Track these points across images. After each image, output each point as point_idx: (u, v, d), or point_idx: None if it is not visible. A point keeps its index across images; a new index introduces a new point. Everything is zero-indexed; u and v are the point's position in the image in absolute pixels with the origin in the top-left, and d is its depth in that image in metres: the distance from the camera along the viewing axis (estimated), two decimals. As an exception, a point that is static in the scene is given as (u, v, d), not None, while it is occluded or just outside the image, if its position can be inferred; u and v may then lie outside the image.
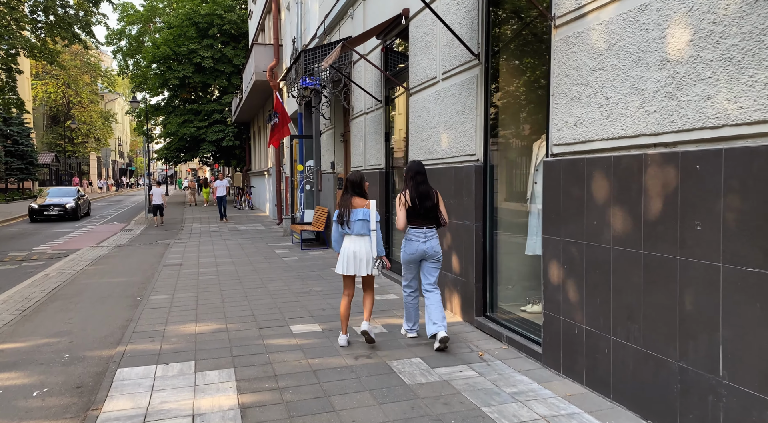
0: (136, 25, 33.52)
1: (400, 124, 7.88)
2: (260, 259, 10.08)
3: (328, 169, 11.45)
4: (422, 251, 4.71)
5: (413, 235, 4.74)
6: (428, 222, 4.74)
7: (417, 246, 4.72)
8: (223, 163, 32.93)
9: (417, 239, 4.72)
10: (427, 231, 4.72)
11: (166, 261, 10.04)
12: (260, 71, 17.28)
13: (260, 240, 13.32)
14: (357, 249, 4.70)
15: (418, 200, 4.69)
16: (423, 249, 4.71)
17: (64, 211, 20.66)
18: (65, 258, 11.07)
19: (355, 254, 4.69)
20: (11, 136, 31.40)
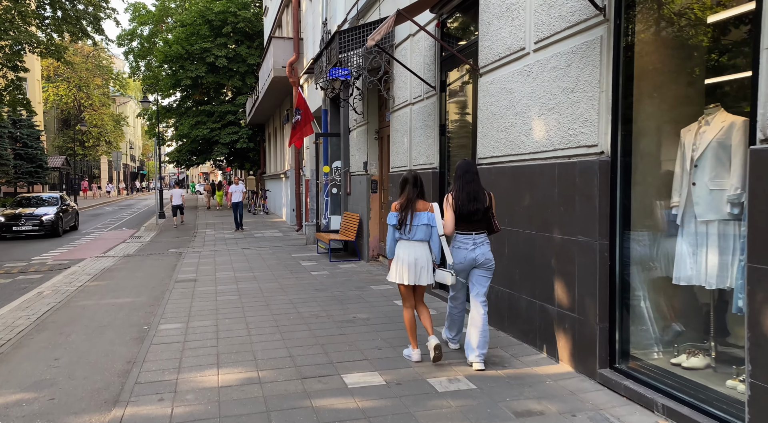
0: (147, 26, 32.43)
1: (460, 114, 6.48)
2: (285, 273, 8.71)
3: (359, 171, 10.07)
4: (471, 259, 4.23)
5: (460, 242, 4.27)
6: (478, 227, 4.25)
7: (465, 254, 4.23)
8: (236, 166, 31.69)
9: (465, 246, 4.24)
10: (476, 237, 4.24)
11: (178, 275, 8.69)
12: (279, 67, 15.97)
13: (281, 249, 11.95)
14: (418, 256, 4.26)
15: (467, 202, 4.19)
16: (472, 257, 4.22)
17: (39, 226, 15.78)
18: (65, 270, 9.77)
19: (417, 261, 4.25)
20: (21, 139, 30.35)
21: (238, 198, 16.90)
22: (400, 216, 4.24)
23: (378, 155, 9.57)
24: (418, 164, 7.16)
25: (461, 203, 4.17)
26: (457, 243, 4.27)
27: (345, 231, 10.41)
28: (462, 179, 4.24)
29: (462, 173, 4.27)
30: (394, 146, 8.11)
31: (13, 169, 29.40)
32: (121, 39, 32.25)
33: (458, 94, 6.49)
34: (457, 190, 4.23)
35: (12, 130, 29.72)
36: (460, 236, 4.25)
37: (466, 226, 4.23)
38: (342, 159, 11.08)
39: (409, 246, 4.25)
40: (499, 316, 5.11)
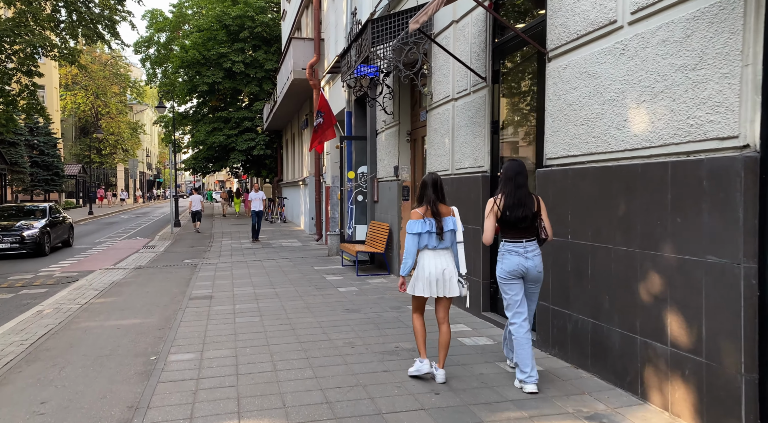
0: (164, 33, 32.07)
1: (518, 108, 5.59)
2: (310, 290, 7.83)
3: (389, 176, 9.21)
4: (524, 268, 3.83)
5: (510, 249, 3.88)
6: (527, 234, 3.88)
7: (518, 260, 3.84)
8: (252, 174, 31.06)
9: (516, 253, 3.85)
10: (527, 245, 3.86)
11: (192, 291, 7.87)
12: (299, 69, 15.22)
13: (302, 261, 11.10)
14: (446, 264, 3.94)
15: (515, 208, 3.82)
16: (526, 266, 3.83)
17: (19, 243, 12.94)
18: (72, 284, 9.01)
19: (444, 272, 3.92)
20: (37, 147, 30.07)
21: (258, 206, 15.74)
22: (438, 223, 3.90)
23: (410, 159, 8.70)
24: (463, 168, 6.27)
25: (509, 209, 3.81)
26: (507, 249, 3.89)
27: (372, 242, 9.53)
28: (513, 182, 3.85)
29: (513, 175, 3.86)
30: (431, 148, 7.23)
31: (29, 177, 29.08)
32: (138, 46, 31.91)
33: (516, 84, 5.60)
34: (505, 195, 3.85)
35: (29, 138, 29.45)
36: (509, 244, 3.89)
37: (514, 233, 3.87)
38: (368, 164, 10.23)
39: (435, 255, 3.94)
40: (580, 351, 4.18)
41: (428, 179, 4.04)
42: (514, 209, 3.80)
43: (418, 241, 3.93)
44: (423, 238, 3.92)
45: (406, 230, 3.98)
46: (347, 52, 8.46)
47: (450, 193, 6.46)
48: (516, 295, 3.86)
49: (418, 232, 3.90)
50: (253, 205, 15.80)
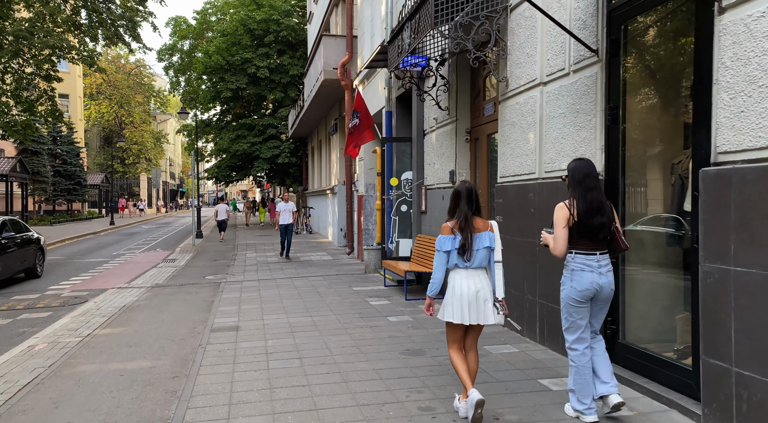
0: (188, 40, 31.39)
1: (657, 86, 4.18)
2: (354, 318, 6.46)
3: (441, 183, 7.84)
4: (598, 286, 3.32)
5: (583, 263, 3.35)
6: (600, 246, 3.38)
7: (592, 278, 3.33)
8: (277, 182, 30.00)
9: (591, 268, 3.33)
10: (600, 258, 3.36)
11: (214, 319, 6.56)
12: (329, 68, 14.00)
13: (336, 279, 9.76)
14: (480, 287, 3.45)
15: (590, 215, 3.32)
16: (599, 283, 3.32)
17: None
18: (79, 307, 7.80)
19: (478, 294, 3.45)
20: (60, 156, 29.47)
21: (288, 219, 13.25)
22: (463, 239, 3.46)
23: (470, 161, 7.31)
24: (557, 170, 4.87)
25: (583, 216, 3.35)
26: (576, 264, 3.40)
27: (420, 259, 8.14)
28: (582, 185, 3.39)
29: (581, 178, 3.41)
30: (505, 146, 5.84)
31: (51, 187, 28.44)
32: (162, 53, 31.28)
33: (652, 54, 4.19)
34: (577, 200, 3.39)
35: (51, 147, 28.85)
36: (580, 257, 3.40)
37: (589, 245, 3.40)
38: (414, 169, 8.87)
39: (468, 275, 3.51)
40: None
41: (461, 189, 3.58)
42: (591, 216, 3.34)
43: (447, 259, 3.50)
44: (453, 256, 3.50)
45: (435, 247, 3.57)
46: (396, 35, 7.14)
47: (537, 204, 5.05)
48: (582, 319, 3.42)
49: (448, 250, 3.47)
50: (281, 218, 13.24)
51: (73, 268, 12.93)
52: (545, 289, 5.04)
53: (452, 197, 3.60)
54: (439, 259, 3.49)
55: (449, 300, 3.51)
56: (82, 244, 18.94)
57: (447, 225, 3.54)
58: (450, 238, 3.48)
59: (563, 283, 3.47)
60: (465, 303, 3.44)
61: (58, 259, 14.68)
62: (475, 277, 3.48)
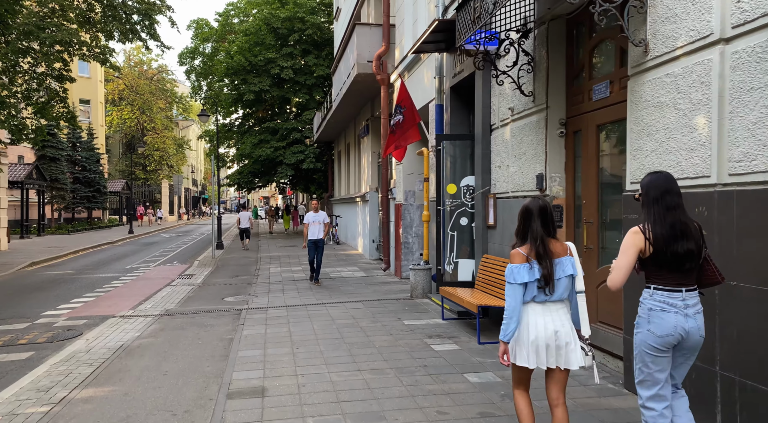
0: (210, 43, 30.16)
1: None
2: (420, 377, 4.69)
3: (520, 190, 6.06)
4: (683, 331, 2.65)
5: (664, 302, 2.69)
6: (687, 281, 2.70)
7: (675, 321, 2.65)
8: (300, 189, 28.48)
9: (674, 308, 2.66)
10: (687, 297, 2.67)
11: (232, 375, 4.86)
12: (363, 61, 12.35)
13: (379, 306, 8.01)
14: (559, 325, 2.86)
15: (674, 240, 2.66)
16: (685, 328, 2.66)
17: None
18: (67, 346, 6.20)
19: (557, 335, 2.84)
20: (79, 162, 28.39)
21: (318, 233, 10.40)
22: (544, 269, 2.80)
23: (565, 162, 5.51)
24: (757, 172, 3.06)
25: (663, 242, 2.65)
26: (655, 303, 2.69)
27: (488, 286, 6.34)
28: (659, 204, 2.70)
29: (659, 195, 2.72)
30: (644, 139, 4.03)
31: (70, 194, 27.34)
32: (183, 57, 30.11)
33: None
34: (653, 222, 2.69)
35: (71, 153, 27.79)
36: (661, 294, 2.69)
37: (672, 279, 2.68)
38: (478, 173, 7.09)
39: (545, 311, 2.86)
40: None
41: (533, 207, 2.93)
42: (674, 242, 2.65)
43: (523, 294, 2.84)
44: (530, 288, 2.85)
45: (506, 279, 2.87)
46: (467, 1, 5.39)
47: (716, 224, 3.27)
48: (661, 371, 2.72)
49: (524, 282, 2.81)
50: (311, 232, 10.42)
51: (79, 285, 11.43)
52: (730, 353, 3.22)
53: (521, 217, 3.01)
54: (514, 294, 2.86)
55: (521, 340, 2.91)
56: (96, 255, 17.58)
57: (519, 252, 2.92)
58: (525, 267, 2.87)
59: (638, 326, 2.81)
60: (541, 344, 2.85)
61: (66, 274, 13.24)
62: (554, 313, 2.90)
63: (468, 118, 8.24)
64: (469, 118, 8.24)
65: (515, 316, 2.85)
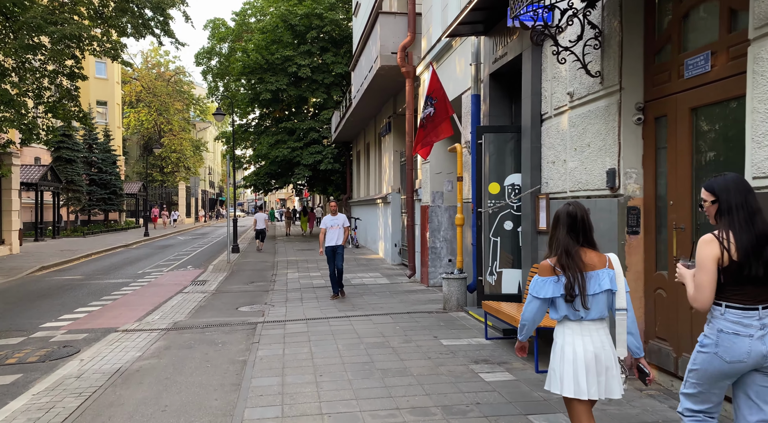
0: (226, 43, 29.58)
1: None
2: (476, 419, 3.76)
3: (582, 188, 5.10)
4: (759, 356, 2.31)
5: (738, 322, 2.35)
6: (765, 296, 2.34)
7: (749, 346, 2.31)
8: (318, 191, 27.71)
9: (746, 331, 2.33)
10: (764, 313, 2.33)
11: (244, 412, 3.99)
12: (387, 53, 11.46)
13: (410, 320, 7.10)
14: (597, 348, 2.53)
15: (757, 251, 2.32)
16: (762, 352, 2.30)
17: None
18: (59, 367, 5.40)
19: (598, 358, 2.53)
20: (95, 164, 27.96)
21: (336, 238, 9.00)
22: (567, 281, 2.51)
23: (643, 155, 4.54)
24: None
25: (746, 252, 2.31)
26: (730, 325, 2.35)
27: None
28: (744, 210, 2.37)
29: (743, 198, 2.39)
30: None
31: (86, 196, 26.90)
32: (199, 57, 29.58)
33: None
34: (736, 231, 2.36)
35: (87, 155, 27.37)
36: (734, 313, 2.35)
37: (749, 294, 2.34)
38: (526, 170, 6.14)
39: (582, 331, 2.55)
40: None
41: (560, 212, 2.68)
42: (758, 252, 2.29)
43: (543, 310, 2.60)
44: (560, 305, 2.54)
45: (529, 291, 2.63)
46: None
47: None
48: (719, 395, 2.44)
49: (549, 298, 2.55)
50: (328, 237, 9.01)
51: (87, 292, 10.71)
52: None
53: (553, 224, 2.69)
54: (531, 308, 2.59)
55: (558, 366, 2.56)
56: (109, 258, 16.95)
57: (547, 263, 2.62)
58: (551, 280, 2.56)
59: (704, 345, 2.42)
60: (581, 369, 2.50)
61: (75, 279, 12.56)
62: (593, 333, 2.55)
63: (509, 108, 7.29)
64: (511, 109, 7.30)
65: (532, 326, 2.68)
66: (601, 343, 2.55)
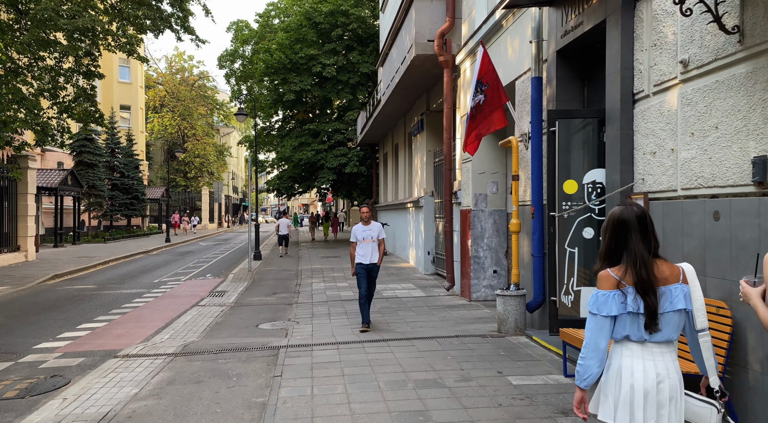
0: (249, 46, 28.87)
1: None
2: None
3: (700, 186, 3.84)
4: None
5: None
6: None
7: None
8: (342, 195, 26.66)
9: None
10: None
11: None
12: (423, 41, 10.31)
13: (462, 348, 5.88)
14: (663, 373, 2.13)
15: None
16: None
17: None
18: (39, 406, 4.35)
19: (660, 387, 2.13)
20: (117, 168, 27.44)
21: (372, 255, 6.98)
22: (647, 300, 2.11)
23: (813, 139, 3.25)
24: None
25: None
26: None
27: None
28: None
29: None
30: None
31: (108, 201, 26.35)
32: (222, 60, 28.93)
33: None
34: None
35: (109, 159, 26.85)
36: None
37: None
38: (614, 164, 4.88)
39: (645, 353, 2.14)
40: None
41: (628, 216, 2.21)
42: None
43: (612, 329, 2.14)
44: (624, 323, 2.14)
45: (589, 308, 2.17)
46: None
47: None
48: None
49: (613, 315, 2.12)
50: (360, 251, 6.94)
51: (96, 304, 9.77)
52: None
53: (611, 230, 2.24)
54: (598, 329, 2.13)
55: (613, 391, 2.16)
56: (126, 266, 16.12)
57: (610, 274, 2.17)
58: (615, 295, 2.14)
59: None
60: (638, 398, 2.11)
61: (86, 289, 11.66)
62: (657, 357, 2.14)
63: (581, 92, 6.05)
64: (583, 93, 6.05)
65: (597, 356, 2.13)
66: (666, 369, 2.16)
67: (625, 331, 2.18)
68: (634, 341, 2.19)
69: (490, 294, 9.07)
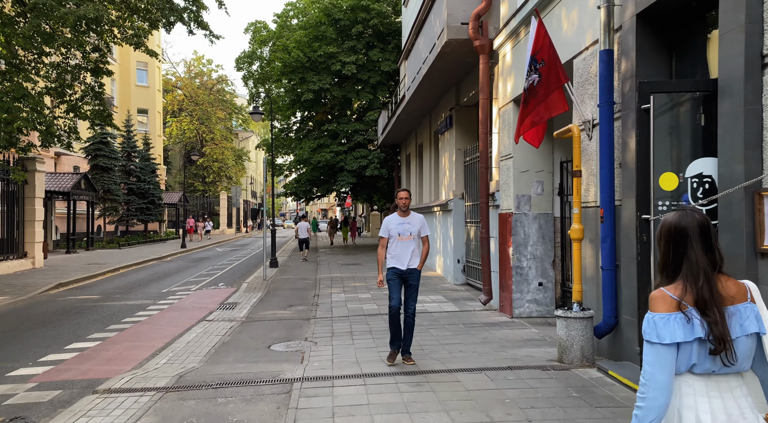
0: (267, 47, 28.08)
1: None
2: None
3: None
4: None
5: None
6: None
7: None
8: (362, 199, 25.61)
9: None
10: None
11: None
12: (456, 24, 9.16)
13: (518, 383, 4.67)
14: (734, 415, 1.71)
15: None
16: None
17: None
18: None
19: None
20: (134, 173, 26.82)
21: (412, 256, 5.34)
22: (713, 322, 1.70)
23: None
24: None
25: None
26: None
27: None
28: None
29: None
30: None
31: (124, 206, 25.70)
32: (240, 62, 28.15)
33: None
34: None
35: (125, 163, 26.24)
36: None
37: None
38: (731, 153, 3.65)
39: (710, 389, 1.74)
40: None
41: (687, 223, 1.80)
42: None
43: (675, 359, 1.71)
44: (689, 353, 1.72)
45: (645, 336, 1.75)
46: None
47: None
48: None
49: (676, 343, 1.70)
50: (393, 253, 5.36)
51: (94, 318, 8.80)
52: None
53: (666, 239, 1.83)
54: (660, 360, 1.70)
55: None
56: (136, 274, 15.24)
57: (665, 293, 1.75)
58: (678, 318, 1.72)
59: None
60: None
61: (89, 300, 10.73)
62: (726, 393, 1.73)
63: (667, 65, 4.81)
64: (671, 66, 4.82)
65: (662, 395, 1.69)
66: (738, 408, 1.72)
67: (689, 360, 1.76)
68: (696, 375, 1.78)
69: (534, 310, 7.86)
